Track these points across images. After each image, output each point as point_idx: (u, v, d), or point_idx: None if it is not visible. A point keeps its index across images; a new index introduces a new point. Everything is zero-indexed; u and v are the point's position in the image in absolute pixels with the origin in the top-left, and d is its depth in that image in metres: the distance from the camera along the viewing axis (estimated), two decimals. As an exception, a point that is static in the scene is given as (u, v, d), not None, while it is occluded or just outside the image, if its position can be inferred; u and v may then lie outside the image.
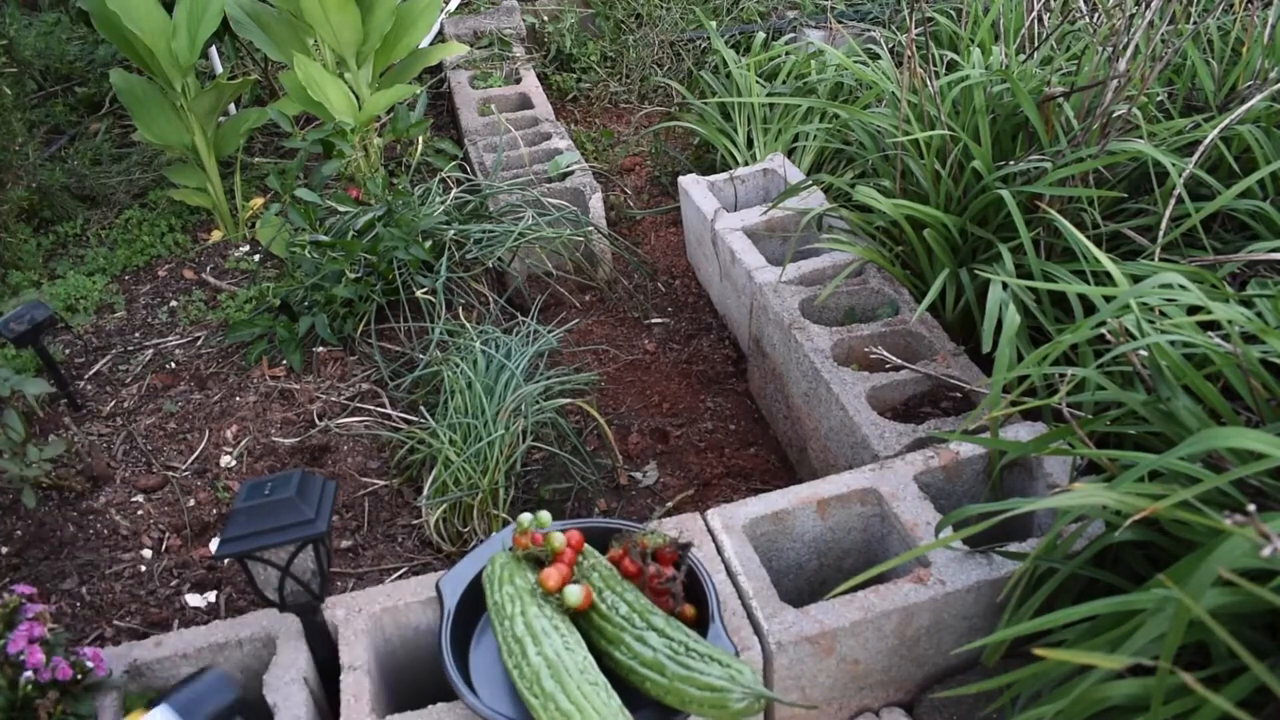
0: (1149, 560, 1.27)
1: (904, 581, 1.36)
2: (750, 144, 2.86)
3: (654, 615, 1.18)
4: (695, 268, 2.69)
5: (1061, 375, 1.41)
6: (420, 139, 2.89)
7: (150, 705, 1.14)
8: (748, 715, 1.08)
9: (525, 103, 3.16)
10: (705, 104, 3.01)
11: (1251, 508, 0.78)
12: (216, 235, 2.87)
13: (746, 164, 2.79)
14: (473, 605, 1.29)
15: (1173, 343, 1.28)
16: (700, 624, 1.24)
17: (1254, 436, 1.01)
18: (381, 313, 2.34)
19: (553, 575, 1.22)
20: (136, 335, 2.49)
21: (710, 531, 1.47)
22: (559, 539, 1.27)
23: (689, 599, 1.26)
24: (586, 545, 1.30)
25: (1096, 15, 2.28)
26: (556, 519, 1.39)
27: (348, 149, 2.60)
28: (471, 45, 3.60)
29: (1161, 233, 1.70)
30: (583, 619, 1.22)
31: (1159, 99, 2.15)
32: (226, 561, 1.78)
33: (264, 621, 1.38)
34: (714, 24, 3.43)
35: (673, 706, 1.11)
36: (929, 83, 1.98)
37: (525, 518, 1.30)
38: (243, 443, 2.08)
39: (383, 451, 2.05)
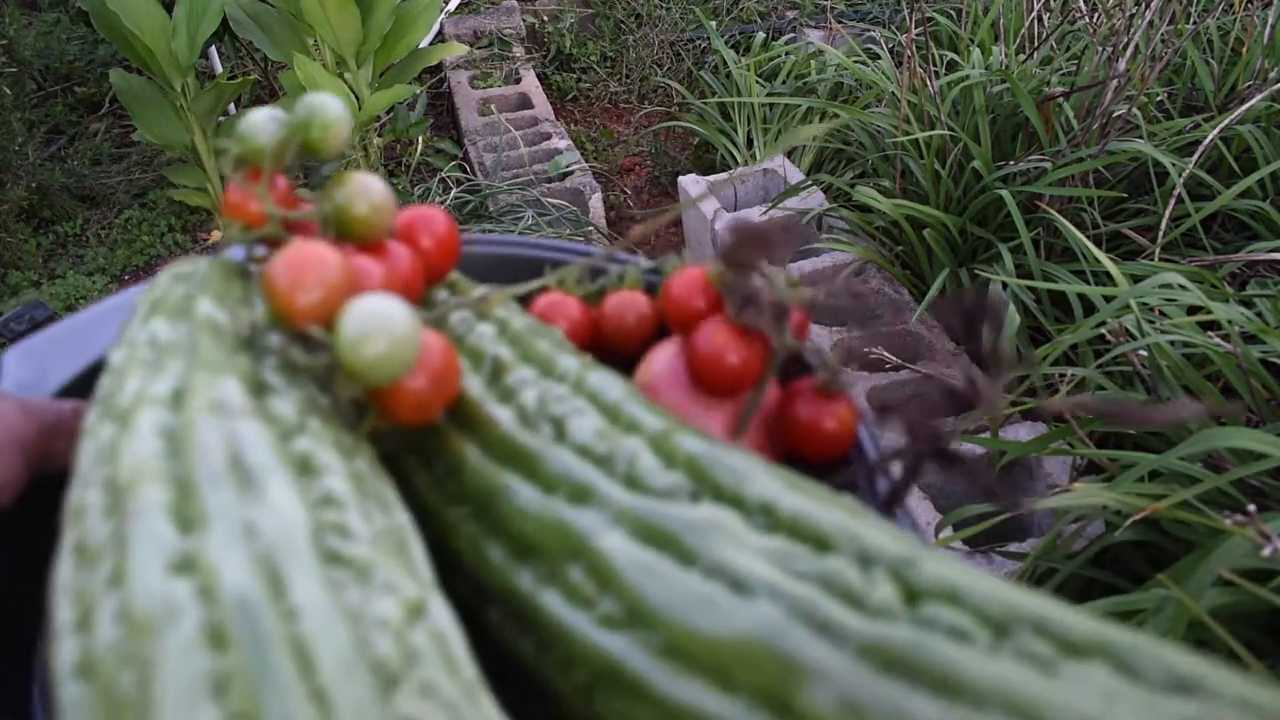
0: (1149, 560, 1.27)
1: (904, 581, 1.36)
2: (750, 144, 2.86)
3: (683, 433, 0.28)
4: (695, 268, 2.69)
5: (1061, 375, 1.41)
6: (420, 139, 2.89)
7: None
8: None
9: (525, 103, 3.16)
10: (705, 104, 3.01)
11: (1251, 508, 0.78)
12: (216, 235, 2.87)
13: (746, 164, 2.79)
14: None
15: (1173, 343, 1.27)
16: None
17: (1254, 436, 1.01)
18: (381, 313, 2.34)
19: (303, 267, 0.27)
20: (136, 335, 2.49)
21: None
22: (374, 190, 0.32)
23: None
24: (459, 277, 0.39)
25: (1096, 15, 2.28)
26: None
27: (348, 149, 2.61)
28: (471, 45, 3.60)
29: (1161, 233, 1.70)
30: (409, 456, 0.30)
31: (1159, 99, 2.15)
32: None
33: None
34: (714, 24, 3.44)
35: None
36: (929, 83, 1.98)
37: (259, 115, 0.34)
38: (242, 443, 2.08)
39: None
